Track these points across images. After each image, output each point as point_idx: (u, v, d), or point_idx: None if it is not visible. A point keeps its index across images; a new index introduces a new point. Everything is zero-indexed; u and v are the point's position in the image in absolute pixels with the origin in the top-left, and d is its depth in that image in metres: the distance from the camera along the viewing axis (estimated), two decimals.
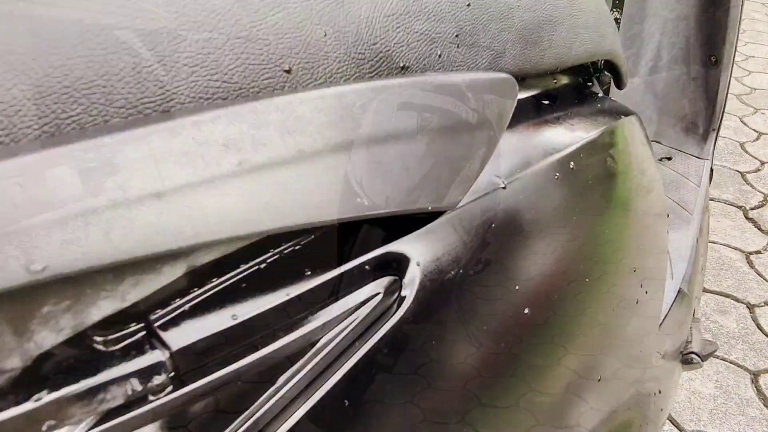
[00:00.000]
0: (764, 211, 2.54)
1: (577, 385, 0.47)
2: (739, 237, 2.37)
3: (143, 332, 0.28)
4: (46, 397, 0.26)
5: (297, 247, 0.34)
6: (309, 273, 0.33)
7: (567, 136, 0.54)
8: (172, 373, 0.28)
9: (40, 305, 0.25)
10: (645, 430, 0.60)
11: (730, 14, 1.53)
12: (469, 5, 0.44)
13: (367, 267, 0.35)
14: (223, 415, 0.29)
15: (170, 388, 0.28)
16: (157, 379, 0.28)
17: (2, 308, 0.24)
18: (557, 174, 0.48)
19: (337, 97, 0.31)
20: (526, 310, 0.42)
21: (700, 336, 0.94)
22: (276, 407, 0.31)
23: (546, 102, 0.61)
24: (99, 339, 0.28)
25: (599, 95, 0.74)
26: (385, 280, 0.35)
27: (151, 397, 0.28)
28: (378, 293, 0.35)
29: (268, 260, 0.33)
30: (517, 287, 0.42)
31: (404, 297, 0.36)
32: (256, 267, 0.32)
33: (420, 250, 0.37)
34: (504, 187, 0.43)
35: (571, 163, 0.50)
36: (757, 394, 1.74)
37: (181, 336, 0.28)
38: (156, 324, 0.29)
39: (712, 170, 1.63)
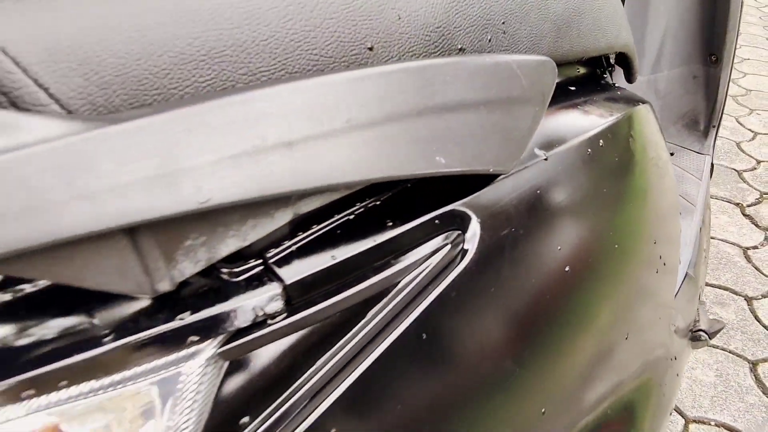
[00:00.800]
0: (761, 208, 2.60)
1: (609, 341, 0.52)
2: (737, 233, 2.43)
3: (261, 267, 0.33)
4: (189, 317, 0.30)
5: (378, 203, 0.39)
6: (390, 224, 0.38)
7: (593, 118, 0.59)
8: (286, 302, 0.33)
9: (183, 239, 0.30)
10: (662, 392, 0.65)
11: (730, 15, 1.58)
12: None
13: (437, 221, 0.39)
14: (326, 339, 0.34)
15: (285, 314, 0.33)
16: (274, 306, 0.32)
17: (160, 233, 0.28)
18: (589, 150, 0.53)
19: (417, 70, 0.36)
20: (567, 268, 0.47)
21: (707, 317, 1.00)
22: (366, 337, 0.35)
23: (572, 88, 0.66)
24: (226, 271, 0.33)
25: (615, 85, 0.79)
26: (452, 234, 0.40)
27: (269, 321, 0.32)
28: (446, 244, 0.39)
29: (357, 212, 0.38)
30: (559, 247, 0.47)
31: (467, 250, 0.40)
32: (349, 217, 0.37)
33: (479, 209, 0.42)
34: (546, 159, 0.48)
35: (600, 141, 0.55)
36: (755, 382, 1.80)
37: (292, 272, 0.33)
38: (271, 261, 0.33)
39: (712, 165, 1.68)
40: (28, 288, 0.30)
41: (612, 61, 0.85)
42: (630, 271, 0.55)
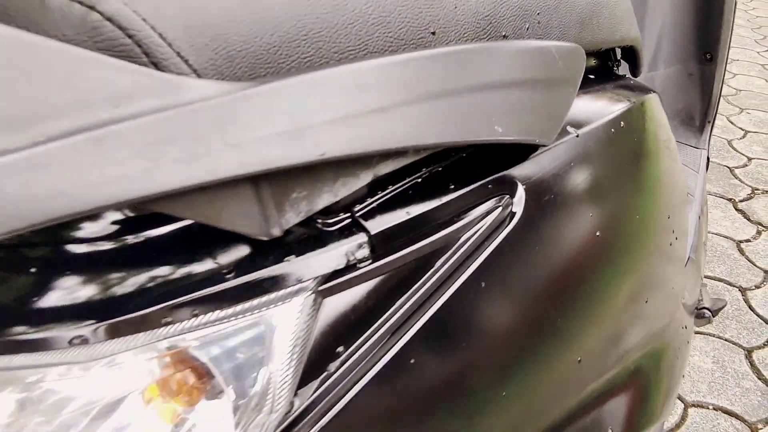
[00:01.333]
0: (752, 203, 2.68)
1: (633, 302, 0.58)
2: (730, 227, 2.51)
3: (349, 220, 0.38)
4: (294, 260, 0.35)
5: (440, 169, 0.45)
6: (452, 187, 0.43)
7: (613, 102, 0.65)
8: (371, 250, 0.38)
9: (291, 192, 0.35)
10: (676, 354, 0.70)
11: (724, 14, 1.64)
12: None
13: (489, 186, 0.45)
14: (404, 282, 0.39)
15: (370, 260, 0.38)
16: (362, 253, 0.38)
17: (275, 186, 0.33)
18: (612, 129, 0.59)
19: (478, 51, 0.41)
20: (598, 233, 0.53)
21: (709, 297, 1.06)
22: (436, 283, 0.41)
23: (591, 77, 0.72)
24: (321, 222, 0.38)
25: (625, 75, 0.85)
26: (503, 198, 0.45)
27: (358, 265, 0.37)
28: (498, 206, 0.45)
29: (424, 176, 0.43)
30: (590, 214, 0.53)
31: (515, 212, 0.46)
32: (417, 180, 0.42)
33: (524, 177, 0.47)
34: (577, 136, 0.54)
35: (621, 122, 0.61)
36: (750, 368, 1.86)
37: (375, 224, 0.38)
38: (357, 215, 0.39)
39: (708, 158, 1.75)
40: (157, 232, 0.35)
41: (618, 56, 0.91)
42: (649, 240, 0.61)
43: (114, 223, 0.35)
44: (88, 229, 0.35)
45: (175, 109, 0.28)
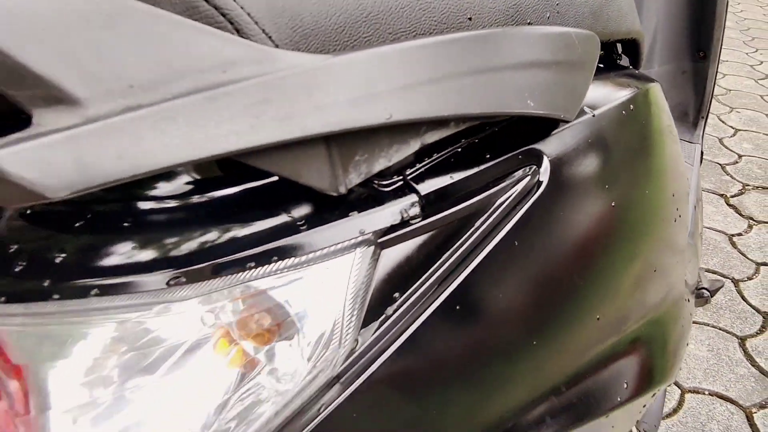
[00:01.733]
0: (743, 198, 2.75)
1: (644, 270, 0.63)
2: (722, 221, 2.58)
3: (401, 182, 0.43)
4: (356, 215, 0.40)
5: (477, 140, 0.49)
6: (488, 156, 0.48)
7: (622, 87, 0.70)
8: (421, 209, 0.43)
9: (354, 155, 0.40)
10: (681, 324, 0.75)
11: (717, 13, 1.70)
12: None
13: (520, 157, 0.50)
14: (449, 239, 0.44)
15: (420, 218, 0.43)
16: (414, 211, 0.42)
17: (343, 148, 0.38)
18: (623, 111, 0.64)
19: (513, 34, 0.46)
20: (613, 203, 0.58)
21: (707, 279, 1.11)
22: (476, 240, 0.45)
23: (600, 65, 0.77)
24: (377, 183, 0.43)
25: (629, 67, 0.90)
26: (531, 168, 0.50)
27: (411, 222, 0.42)
28: (527, 175, 0.50)
29: (463, 146, 0.48)
30: (606, 186, 0.58)
31: (541, 181, 0.51)
32: (458, 150, 0.47)
33: (549, 150, 0.52)
34: (593, 116, 0.59)
35: (631, 106, 0.66)
36: (744, 356, 1.92)
37: (424, 186, 0.43)
38: (409, 178, 0.43)
39: (702, 152, 1.81)
40: (238, 189, 0.40)
41: (620, 50, 0.96)
42: (657, 213, 0.66)
43: (199, 182, 0.40)
44: (180, 188, 0.39)
45: (271, 75, 0.32)
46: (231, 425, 0.39)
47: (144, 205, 0.39)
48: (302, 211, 0.40)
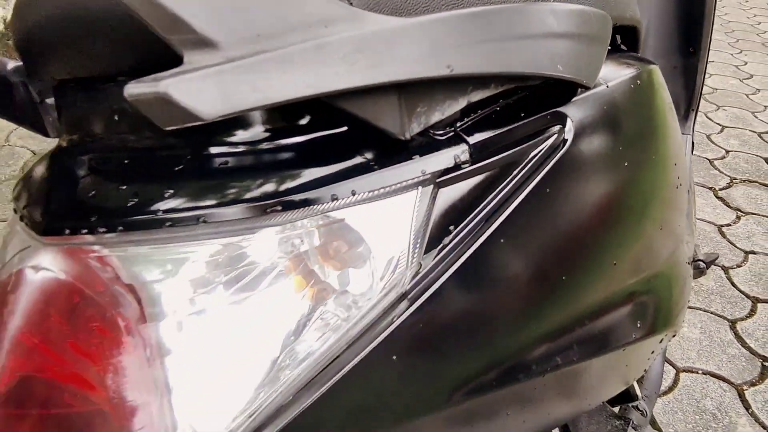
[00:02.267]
0: (731, 191, 2.85)
1: (650, 227, 0.70)
2: (712, 212, 2.68)
3: (452, 133, 0.50)
4: (419, 158, 0.47)
5: (511, 101, 0.57)
6: (523, 115, 0.55)
7: (628, 66, 0.77)
8: (470, 155, 0.50)
9: (416, 106, 0.47)
10: (683, 282, 0.83)
11: (706, 11, 1.79)
12: None
13: (548, 117, 0.57)
14: (492, 183, 0.51)
15: (470, 163, 0.50)
16: (464, 157, 0.49)
17: (409, 99, 0.45)
18: (632, 85, 0.72)
19: (544, 8, 0.53)
20: (626, 163, 0.65)
21: (702, 252, 1.19)
22: (514, 186, 0.53)
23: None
24: (432, 133, 0.50)
25: (630, 52, 0.98)
26: (557, 127, 0.57)
27: (462, 166, 0.49)
28: (554, 133, 0.57)
29: (501, 105, 0.55)
30: (620, 147, 0.65)
31: (566, 139, 0.58)
32: (496, 108, 0.54)
33: (572, 113, 0.59)
34: (607, 86, 0.66)
35: (638, 80, 0.74)
36: (735, 337, 2.01)
37: (472, 138, 0.50)
38: (459, 129, 0.50)
39: (693, 143, 1.90)
40: (319, 134, 0.47)
41: (618, 40, 1.04)
42: (662, 178, 0.73)
43: (289, 129, 0.47)
44: (273, 134, 0.46)
45: (362, 31, 0.39)
46: (315, 335, 0.45)
47: (241, 149, 0.46)
48: (374, 154, 0.47)
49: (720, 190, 2.86)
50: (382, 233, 0.46)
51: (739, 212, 2.70)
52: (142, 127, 0.49)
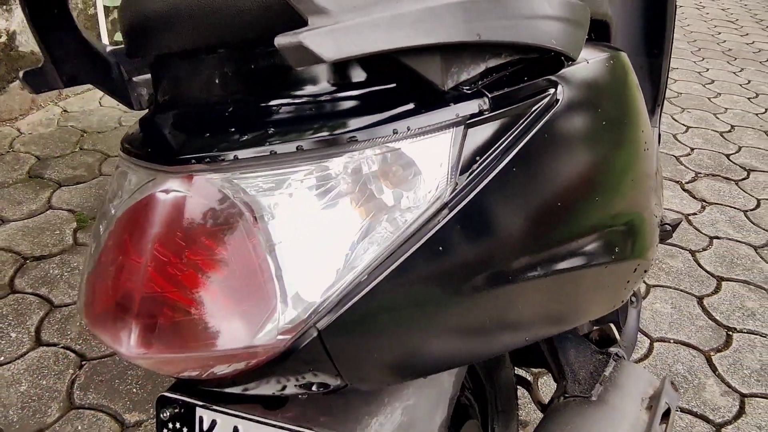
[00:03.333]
0: (696, 184, 3.08)
1: (624, 176, 0.87)
2: (679, 203, 2.89)
3: (476, 89, 0.67)
4: (453, 106, 0.63)
5: (516, 69, 0.73)
6: (525, 79, 0.72)
7: (603, 50, 0.95)
8: (489, 105, 0.66)
9: (451, 66, 0.63)
10: (653, 229, 1.00)
11: (667, 15, 2.00)
12: None
13: (544, 82, 0.74)
14: (504, 128, 0.67)
15: (490, 111, 0.66)
16: (485, 105, 0.66)
17: (447, 59, 0.61)
18: (606, 64, 0.89)
19: None
20: (604, 122, 0.82)
21: (668, 218, 1.37)
22: (522, 131, 0.69)
23: None
24: (461, 88, 0.66)
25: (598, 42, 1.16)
26: (552, 89, 0.74)
27: (484, 113, 0.66)
28: (549, 94, 0.74)
29: (511, 71, 0.72)
30: (599, 109, 0.82)
31: (558, 99, 0.75)
32: (507, 72, 0.71)
33: (562, 80, 0.76)
34: (587, 62, 0.84)
35: (612, 60, 0.91)
36: (702, 311, 2.21)
37: (490, 93, 0.67)
38: (481, 86, 0.67)
39: (660, 135, 2.10)
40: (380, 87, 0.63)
41: (591, 36, 1.22)
42: (633, 139, 0.91)
43: (362, 83, 0.62)
44: (351, 84, 0.62)
45: (423, 5, 0.55)
46: (379, 234, 0.61)
47: (323, 98, 0.61)
48: (420, 102, 0.62)
49: (686, 183, 3.09)
50: (429, 160, 0.62)
51: (704, 203, 2.92)
52: (240, 86, 0.65)
